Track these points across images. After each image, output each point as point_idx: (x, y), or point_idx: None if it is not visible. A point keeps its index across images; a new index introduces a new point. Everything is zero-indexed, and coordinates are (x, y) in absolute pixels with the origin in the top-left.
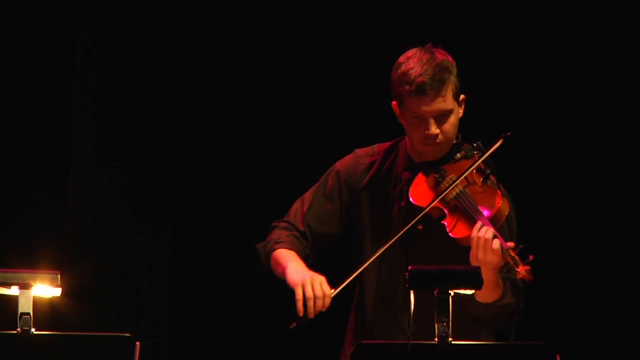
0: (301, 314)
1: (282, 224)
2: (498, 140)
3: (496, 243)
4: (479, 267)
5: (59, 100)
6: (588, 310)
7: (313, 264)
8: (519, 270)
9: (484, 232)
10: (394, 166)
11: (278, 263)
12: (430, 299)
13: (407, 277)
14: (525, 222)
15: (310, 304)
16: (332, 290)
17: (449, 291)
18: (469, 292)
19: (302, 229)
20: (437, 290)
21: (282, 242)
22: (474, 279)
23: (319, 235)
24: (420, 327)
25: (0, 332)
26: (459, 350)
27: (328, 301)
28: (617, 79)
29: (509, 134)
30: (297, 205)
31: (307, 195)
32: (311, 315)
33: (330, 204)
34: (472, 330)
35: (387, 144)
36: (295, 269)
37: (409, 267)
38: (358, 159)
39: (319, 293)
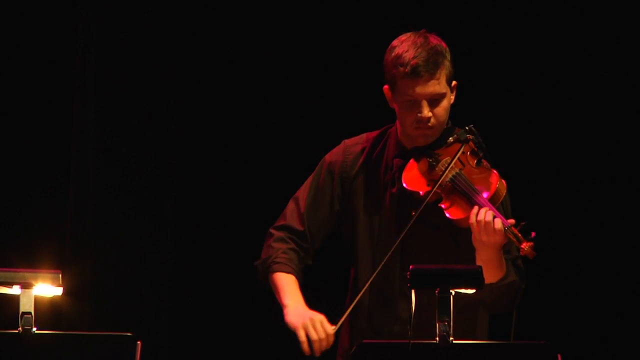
0: (308, 353)
1: (279, 234)
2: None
3: (498, 223)
4: (480, 267)
5: (60, 99)
6: (589, 310)
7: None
8: (522, 247)
9: (483, 214)
10: (384, 153)
11: (276, 289)
12: (425, 292)
13: (408, 277)
14: (524, 220)
15: (316, 346)
16: (333, 327)
17: (450, 290)
18: (470, 291)
19: (300, 228)
20: (438, 289)
21: (279, 262)
22: (475, 279)
23: (318, 230)
24: (418, 320)
25: (1, 332)
26: (460, 350)
27: (332, 340)
28: (609, 69)
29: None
30: (291, 205)
31: (301, 194)
32: (317, 354)
33: (324, 198)
34: (467, 321)
35: (376, 132)
36: (294, 309)
37: (410, 267)
38: (347, 148)
39: (322, 335)
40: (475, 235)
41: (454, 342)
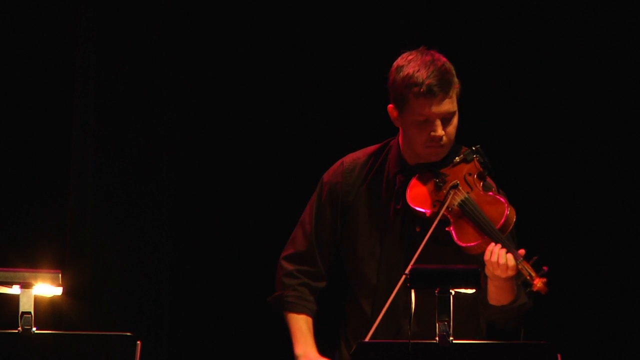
0: None
1: (289, 267)
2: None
3: (511, 260)
4: (479, 267)
5: (59, 99)
6: (589, 310)
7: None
8: (535, 283)
9: (497, 253)
10: (385, 168)
11: (290, 332)
12: (430, 300)
13: (408, 277)
14: (525, 221)
15: None
16: None
17: (450, 290)
18: (470, 291)
19: (309, 252)
20: (438, 289)
21: (290, 302)
22: (474, 279)
23: (327, 250)
24: (421, 328)
25: (1, 331)
26: (460, 350)
27: None
28: (613, 78)
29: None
30: (298, 231)
31: (306, 217)
32: None
33: (327, 220)
34: (469, 330)
35: (375, 147)
36: (303, 357)
37: (410, 267)
38: (346, 167)
39: None
40: (488, 268)
41: (453, 342)
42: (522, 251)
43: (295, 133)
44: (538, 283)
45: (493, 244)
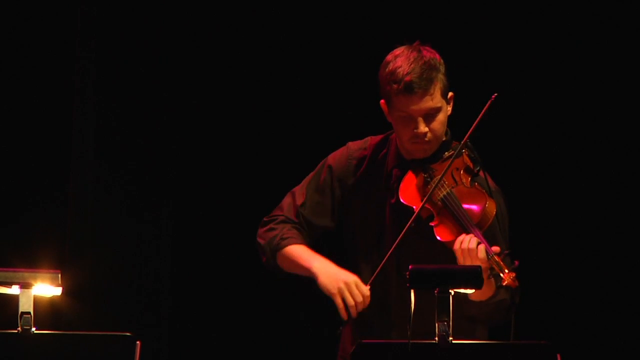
0: (346, 319)
1: (280, 218)
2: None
3: (481, 251)
4: (479, 267)
5: (59, 99)
6: (589, 310)
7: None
8: (503, 277)
9: (467, 241)
10: (385, 162)
11: (293, 261)
12: (424, 296)
13: (407, 277)
14: (525, 221)
15: (353, 310)
16: (368, 287)
17: (450, 290)
18: (469, 291)
19: (295, 222)
20: (437, 289)
21: (289, 237)
22: (474, 278)
23: (313, 228)
24: (415, 325)
25: (1, 332)
26: (460, 350)
27: (368, 301)
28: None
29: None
30: (288, 199)
31: (299, 190)
32: (354, 317)
33: (323, 198)
34: (466, 328)
35: (379, 137)
36: (325, 271)
37: (410, 267)
38: (350, 153)
39: (359, 298)
40: (459, 260)
41: (453, 342)
42: (496, 248)
43: (296, 134)
44: (507, 277)
45: (465, 234)
